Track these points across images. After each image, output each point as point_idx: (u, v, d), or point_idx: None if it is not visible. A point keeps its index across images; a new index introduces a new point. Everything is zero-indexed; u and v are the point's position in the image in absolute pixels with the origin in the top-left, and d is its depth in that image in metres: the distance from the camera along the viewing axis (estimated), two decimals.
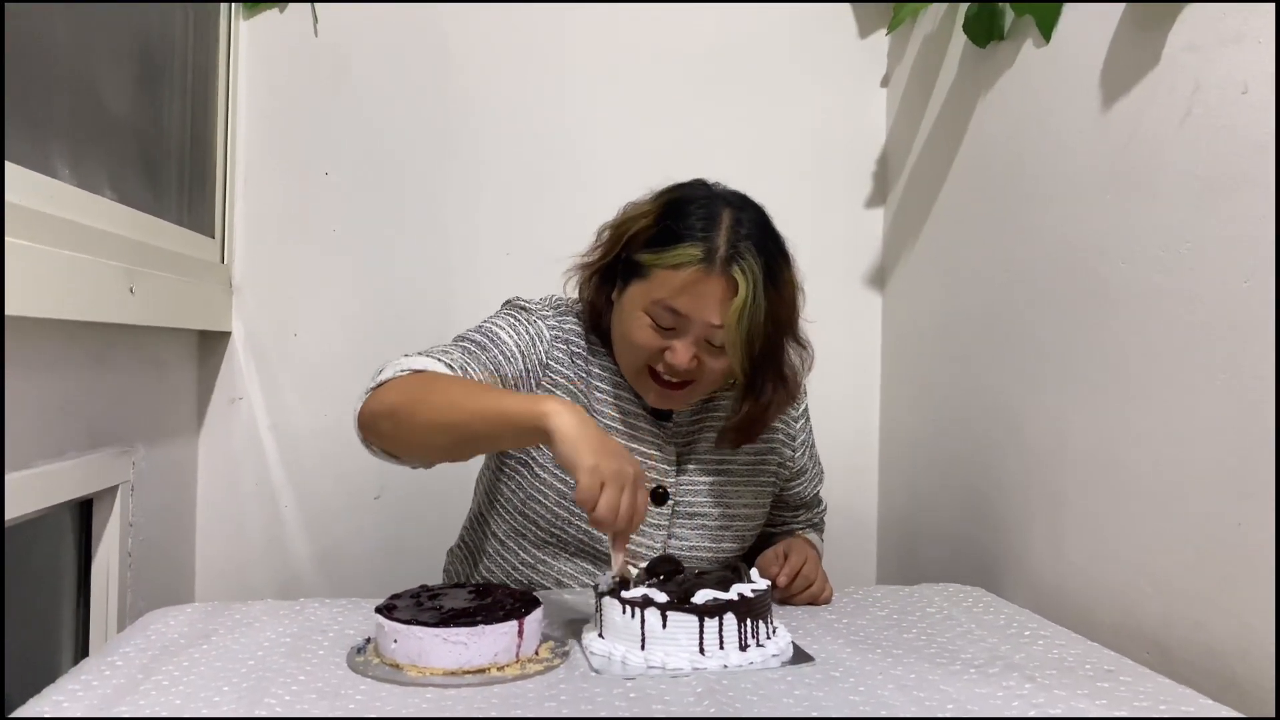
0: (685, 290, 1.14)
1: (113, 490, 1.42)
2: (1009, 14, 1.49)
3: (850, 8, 1.92)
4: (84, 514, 1.41)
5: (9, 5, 1.09)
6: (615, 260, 1.23)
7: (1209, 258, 1.08)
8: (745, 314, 1.13)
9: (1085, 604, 1.28)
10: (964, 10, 1.56)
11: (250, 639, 1.04)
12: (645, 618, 0.98)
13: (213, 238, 1.75)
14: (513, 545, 1.29)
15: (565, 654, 1.00)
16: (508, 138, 1.86)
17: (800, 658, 1.00)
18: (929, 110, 1.74)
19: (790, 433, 1.36)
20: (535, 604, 1.00)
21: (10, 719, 0.87)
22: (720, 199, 1.19)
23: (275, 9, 1.82)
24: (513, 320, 1.26)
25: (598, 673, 0.95)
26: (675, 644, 0.97)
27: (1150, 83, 1.18)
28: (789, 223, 1.22)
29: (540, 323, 1.26)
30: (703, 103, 1.90)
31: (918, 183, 1.80)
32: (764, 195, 1.23)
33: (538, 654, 0.99)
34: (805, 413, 1.39)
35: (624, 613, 0.99)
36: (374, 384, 1.13)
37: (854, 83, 1.93)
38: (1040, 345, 1.40)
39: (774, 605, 1.08)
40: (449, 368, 1.15)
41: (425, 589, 1.07)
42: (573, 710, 0.85)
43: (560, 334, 1.27)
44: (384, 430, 1.11)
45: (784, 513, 1.43)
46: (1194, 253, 1.11)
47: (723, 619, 0.98)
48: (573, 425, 0.99)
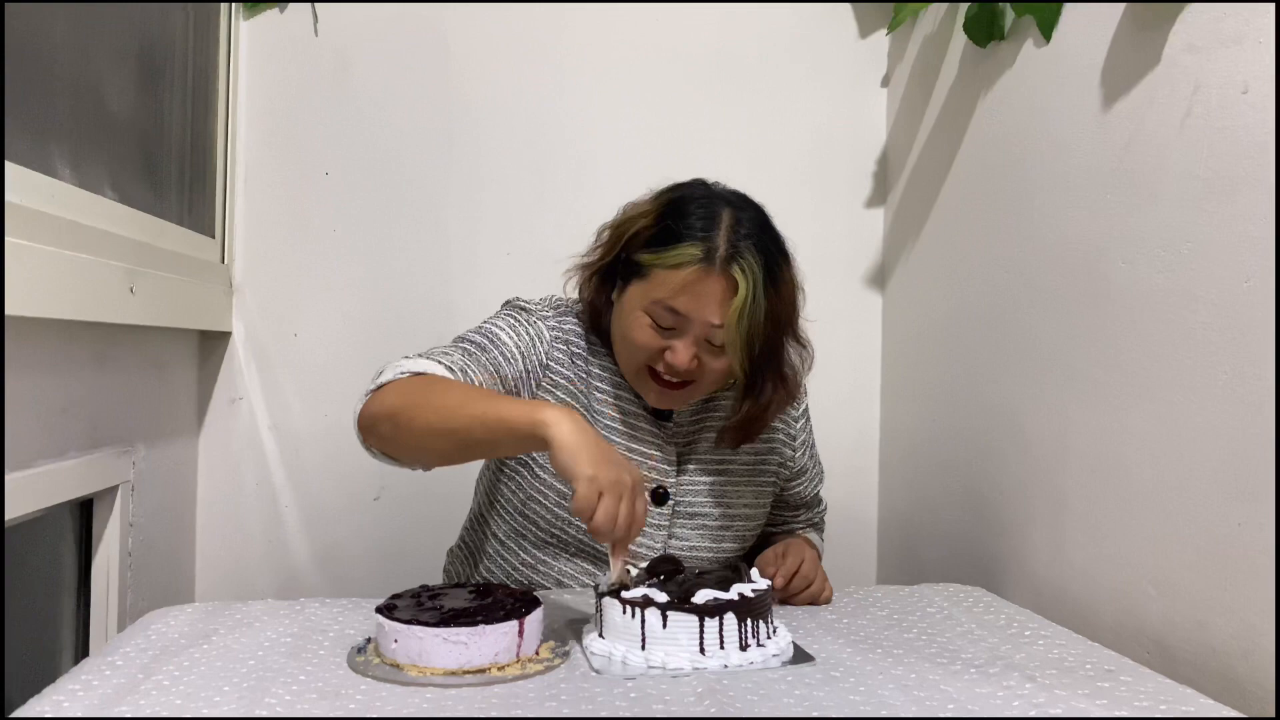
0: (685, 290, 1.14)
1: (113, 490, 1.42)
2: (1009, 14, 1.49)
3: (850, 8, 1.92)
4: (84, 514, 1.41)
5: (9, 5, 1.09)
6: (615, 260, 1.22)
7: (1209, 258, 1.08)
8: (745, 313, 1.13)
9: (1086, 604, 1.28)
10: (964, 10, 1.56)
11: (251, 639, 1.04)
12: (645, 618, 0.98)
13: (213, 238, 1.75)
14: (513, 546, 1.29)
15: (566, 654, 1.00)
16: (508, 137, 1.86)
17: (801, 657, 1.00)
18: (929, 110, 1.74)
19: (791, 432, 1.36)
20: (536, 604, 1.00)
21: (10, 719, 0.87)
22: (720, 198, 1.19)
23: (275, 9, 1.82)
24: (512, 321, 1.26)
25: (598, 673, 0.95)
26: (676, 644, 0.97)
27: (1150, 83, 1.18)
28: (789, 223, 1.22)
29: (540, 323, 1.26)
30: (703, 103, 1.90)
31: (918, 183, 1.80)
32: (764, 195, 1.23)
33: (538, 654, 0.99)
34: (805, 412, 1.39)
35: (624, 613, 0.99)
36: (373, 386, 1.13)
37: (854, 83, 1.93)
38: (1041, 345, 1.40)
39: (774, 605, 1.08)
40: (449, 370, 1.14)
41: (426, 589, 1.07)
42: (573, 710, 0.85)
43: (560, 334, 1.27)
44: (383, 433, 1.11)
45: (784, 512, 1.43)
46: (1194, 253, 1.11)
47: (723, 619, 0.98)
48: (571, 434, 0.99)
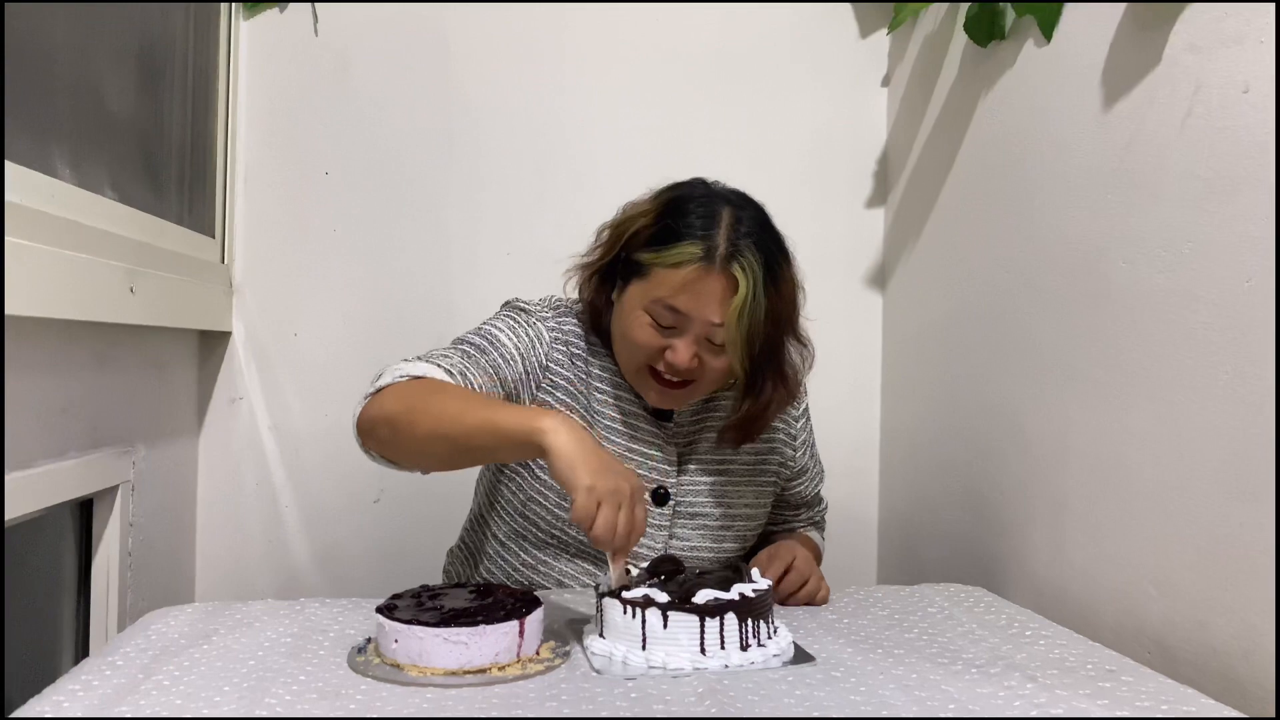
0: (685, 288, 1.14)
1: (113, 490, 1.42)
2: (1010, 14, 1.49)
3: (851, 8, 1.92)
4: (84, 514, 1.41)
5: (9, 5, 1.08)
6: (615, 260, 1.22)
7: (1210, 258, 1.08)
8: (745, 312, 1.13)
9: (1087, 604, 1.28)
10: (965, 10, 1.56)
11: (251, 639, 1.04)
12: (646, 618, 0.97)
13: (213, 238, 1.75)
14: (513, 547, 1.29)
15: (566, 654, 1.00)
16: (508, 137, 1.86)
17: (801, 657, 1.00)
18: (930, 110, 1.74)
19: (791, 432, 1.36)
20: (536, 604, 1.00)
21: (10, 718, 0.87)
22: (720, 197, 1.19)
23: (275, 9, 1.82)
24: (512, 322, 1.25)
25: (599, 673, 0.95)
26: (676, 644, 0.97)
27: (1151, 83, 1.18)
28: (789, 223, 1.22)
29: (540, 324, 1.26)
30: (703, 103, 1.90)
31: (918, 182, 1.80)
32: (764, 195, 1.23)
33: (538, 654, 0.99)
34: (806, 412, 1.39)
35: (625, 613, 0.99)
36: (372, 389, 1.12)
37: (855, 82, 1.93)
38: (1041, 345, 1.40)
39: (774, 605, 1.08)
40: (448, 373, 1.14)
41: (426, 589, 1.07)
42: (574, 710, 0.85)
43: (560, 335, 1.26)
44: (382, 437, 1.10)
45: (785, 512, 1.43)
46: (1195, 253, 1.11)
47: (724, 619, 0.98)
48: (569, 443, 0.99)
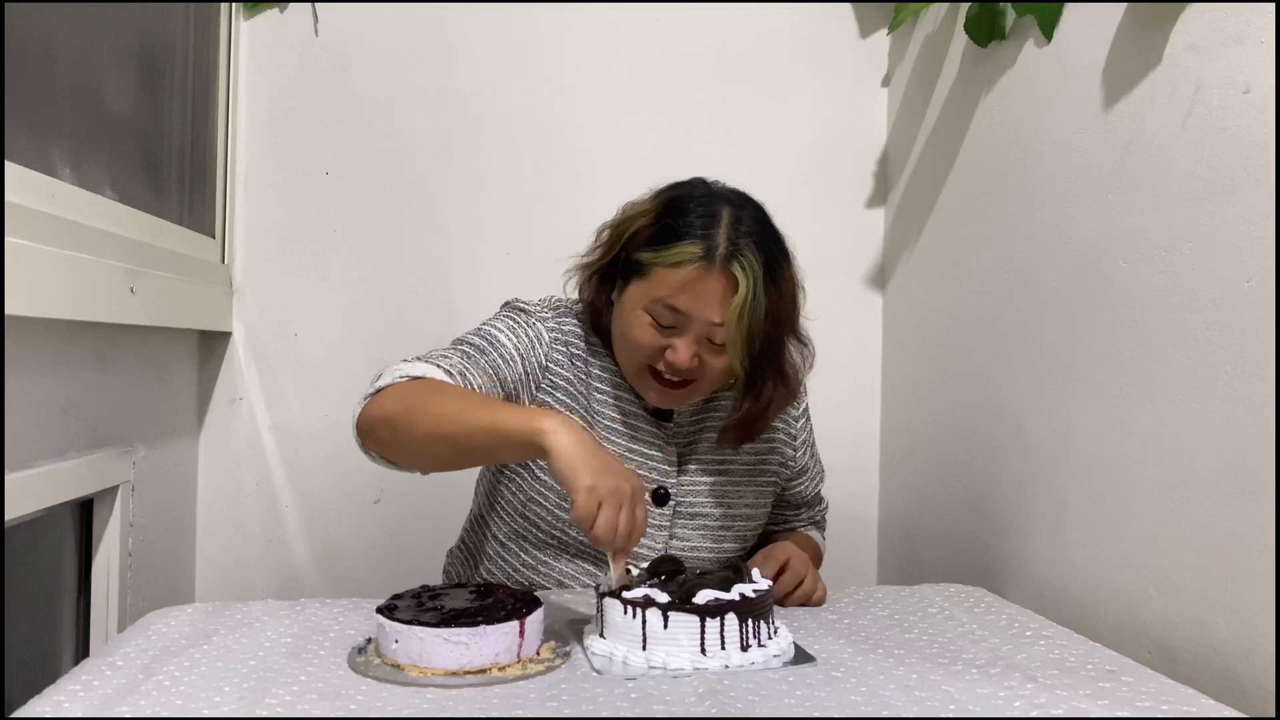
0: (685, 288, 1.14)
1: (113, 490, 1.42)
2: (1010, 14, 1.49)
3: (851, 8, 1.92)
4: (84, 514, 1.41)
5: (9, 5, 1.08)
6: (615, 260, 1.22)
7: (1211, 258, 1.08)
8: (745, 311, 1.13)
9: (1087, 604, 1.28)
10: (965, 10, 1.56)
11: (251, 639, 1.04)
12: (646, 618, 0.97)
13: (213, 238, 1.75)
14: (514, 547, 1.29)
15: (566, 654, 1.00)
16: (508, 137, 1.86)
17: (802, 658, 1.00)
18: (930, 110, 1.74)
19: (791, 432, 1.36)
20: (536, 604, 1.00)
21: (11, 719, 0.87)
22: (720, 197, 1.19)
23: (276, 9, 1.82)
24: (512, 323, 1.25)
25: (599, 673, 0.95)
26: (676, 644, 0.97)
27: (1152, 83, 1.18)
28: (790, 223, 1.22)
29: (539, 324, 1.26)
30: (703, 103, 1.90)
31: (919, 183, 1.80)
32: (765, 195, 1.23)
33: (539, 654, 0.99)
34: (806, 411, 1.39)
35: (625, 613, 0.99)
36: (372, 390, 1.12)
37: (855, 83, 1.93)
38: (1041, 345, 1.40)
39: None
40: (447, 374, 1.14)
41: (426, 589, 1.07)
42: (574, 710, 0.85)
43: (560, 335, 1.26)
44: (382, 438, 1.10)
45: (785, 511, 1.43)
46: (1195, 253, 1.11)
47: (724, 619, 0.98)
48: (569, 443, 0.99)
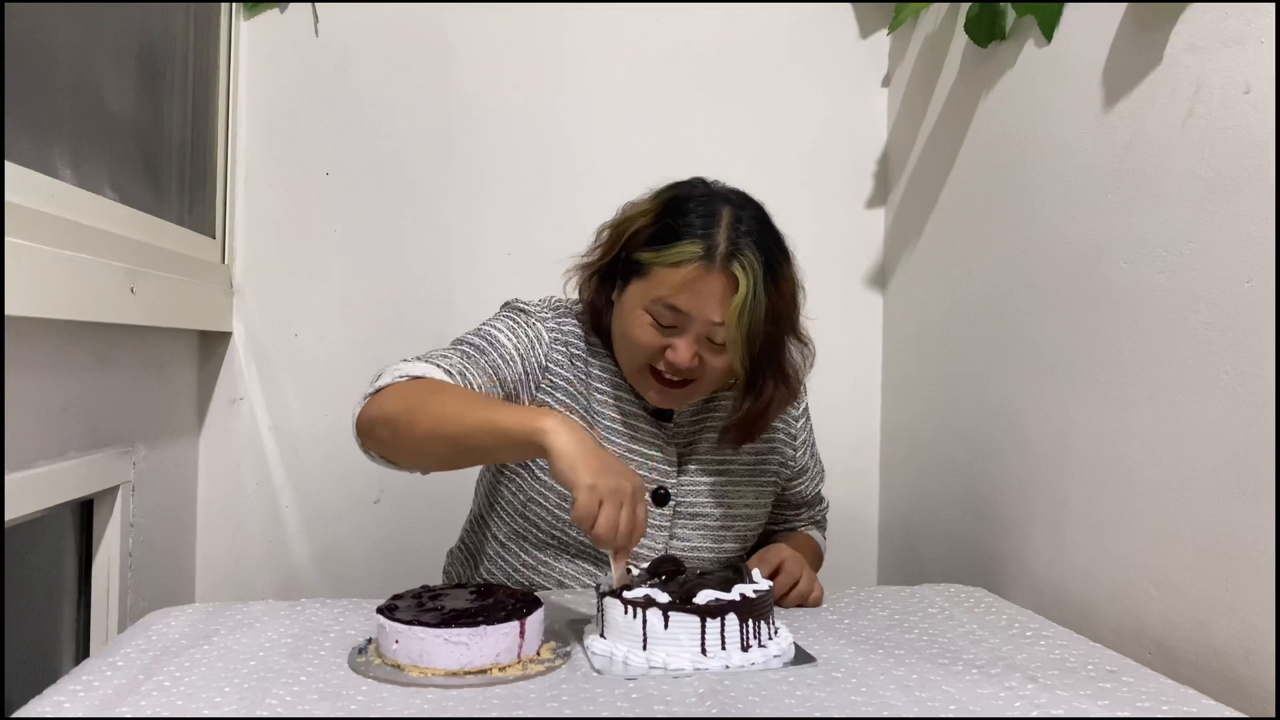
0: (686, 287, 1.14)
1: (113, 490, 1.42)
2: (1010, 14, 1.49)
3: (851, 8, 1.92)
4: (85, 514, 1.41)
5: (9, 5, 1.08)
6: (615, 260, 1.22)
7: (1211, 258, 1.08)
8: (746, 310, 1.13)
9: (1087, 604, 1.28)
10: (965, 10, 1.56)
11: (251, 639, 1.04)
12: (647, 618, 0.97)
13: (213, 238, 1.75)
14: (514, 547, 1.29)
15: (567, 654, 1.00)
16: (508, 138, 1.86)
17: (802, 658, 1.00)
18: (930, 110, 1.74)
19: (791, 432, 1.36)
20: (537, 604, 1.00)
21: (11, 719, 0.87)
22: (720, 196, 1.19)
23: (276, 9, 1.82)
24: (511, 323, 1.25)
25: (599, 673, 0.95)
26: (677, 644, 0.97)
27: (1152, 83, 1.18)
28: (790, 223, 1.22)
29: (539, 325, 1.26)
30: (704, 103, 1.90)
31: (919, 183, 1.80)
32: (765, 195, 1.23)
33: (539, 654, 0.99)
34: (805, 411, 1.39)
35: (626, 613, 0.99)
36: (372, 390, 1.12)
37: (855, 83, 1.93)
38: (1042, 345, 1.40)
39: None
40: (447, 373, 1.14)
41: (427, 589, 1.07)
42: (574, 711, 0.85)
43: (560, 336, 1.26)
44: (382, 437, 1.10)
45: (786, 511, 1.43)
46: (1196, 253, 1.11)
47: (724, 619, 0.97)
48: (570, 443, 0.99)
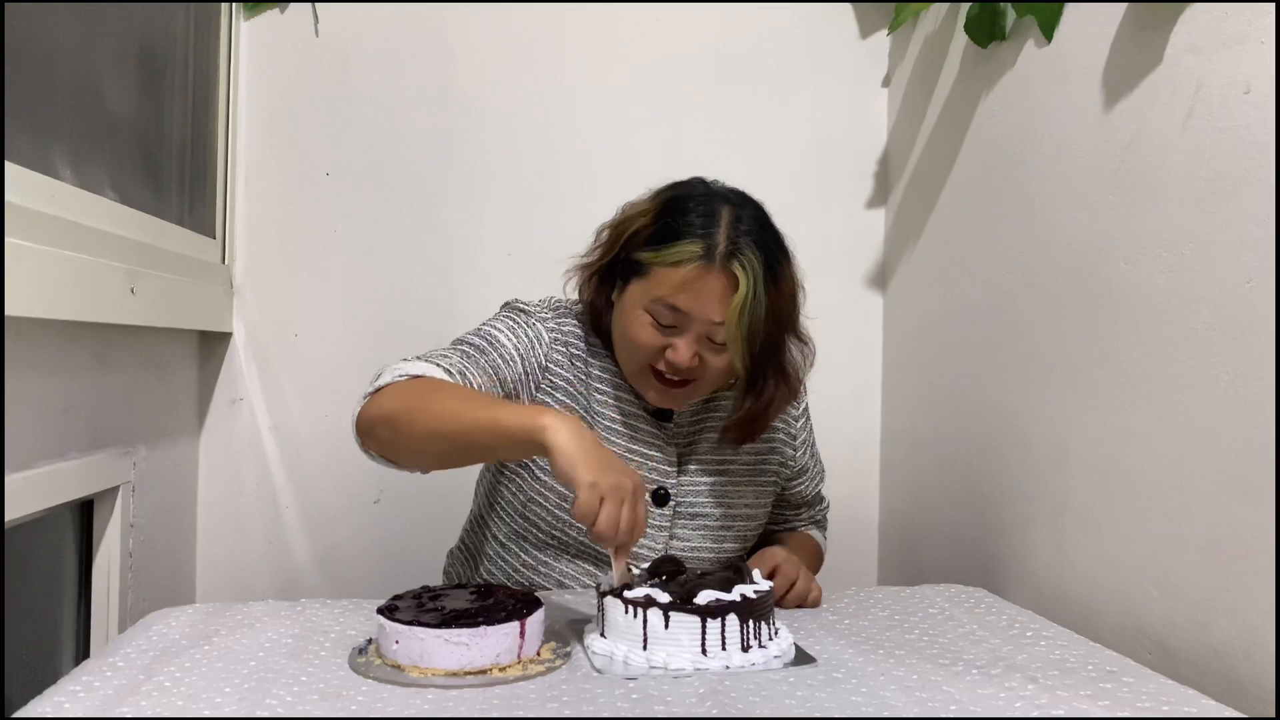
0: (686, 287, 1.14)
1: (113, 491, 1.42)
2: (1010, 14, 1.49)
3: (851, 8, 1.92)
4: (85, 514, 1.41)
5: (9, 5, 1.08)
6: (615, 260, 1.22)
7: (1211, 258, 1.08)
8: (746, 310, 1.13)
9: (1087, 605, 1.28)
10: (965, 10, 1.56)
11: (251, 640, 1.04)
12: (647, 618, 0.97)
13: (213, 238, 1.75)
14: (514, 548, 1.29)
15: (567, 654, 1.00)
16: (508, 138, 1.86)
17: (802, 659, 1.00)
18: (930, 110, 1.74)
19: (791, 432, 1.36)
20: (537, 604, 1.00)
21: (11, 719, 0.87)
22: (719, 196, 1.19)
23: (275, 9, 1.82)
24: (511, 323, 1.25)
25: (600, 673, 0.95)
26: (677, 644, 0.97)
27: (1152, 83, 1.18)
28: (790, 223, 1.22)
29: (539, 325, 1.26)
30: (704, 103, 1.89)
31: (919, 183, 1.80)
32: (765, 195, 1.23)
33: (539, 654, 0.99)
34: (805, 411, 1.39)
35: (626, 613, 0.99)
36: (372, 389, 1.12)
37: (855, 83, 1.93)
38: (1042, 346, 1.40)
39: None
40: (447, 373, 1.14)
41: (427, 590, 1.07)
42: (575, 711, 0.85)
43: (560, 336, 1.26)
44: (382, 436, 1.10)
45: (786, 511, 1.43)
46: (1196, 253, 1.11)
47: (725, 619, 0.97)
48: (570, 440, 0.99)
